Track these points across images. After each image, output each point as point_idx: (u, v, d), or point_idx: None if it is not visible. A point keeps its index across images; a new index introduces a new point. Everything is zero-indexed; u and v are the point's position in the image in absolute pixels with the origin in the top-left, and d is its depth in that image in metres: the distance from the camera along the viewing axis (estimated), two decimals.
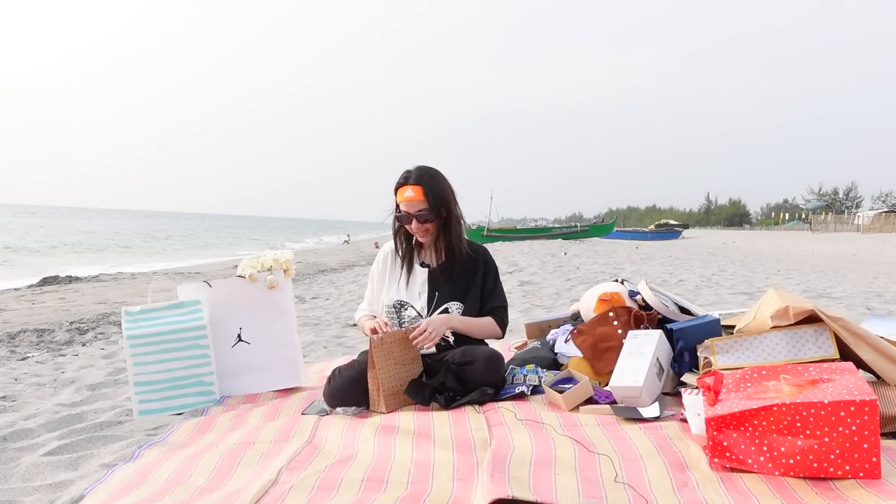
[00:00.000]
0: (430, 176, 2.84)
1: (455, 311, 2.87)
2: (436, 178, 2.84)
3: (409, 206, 2.81)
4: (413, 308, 2.90)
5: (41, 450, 2.49)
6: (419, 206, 2.80)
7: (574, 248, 17.07)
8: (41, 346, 5.27)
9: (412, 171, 2.84)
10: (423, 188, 2.79)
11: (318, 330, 5.56)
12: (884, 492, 1.66)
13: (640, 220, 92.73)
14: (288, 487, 1.91)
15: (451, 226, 2.87)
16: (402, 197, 2.82)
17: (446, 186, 2.87)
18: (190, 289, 3.21)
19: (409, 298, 2.92)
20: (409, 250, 2.96)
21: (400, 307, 2.92)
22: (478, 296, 2.91)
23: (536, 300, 7.03)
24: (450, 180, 2.89)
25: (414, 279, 2.93)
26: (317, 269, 14.26)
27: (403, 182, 2.83)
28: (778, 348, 2.34)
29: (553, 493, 1.73)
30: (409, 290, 2.93)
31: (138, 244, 33.69)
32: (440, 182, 2.84)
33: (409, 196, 2.80)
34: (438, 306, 2.88)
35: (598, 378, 2.75)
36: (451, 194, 2.88)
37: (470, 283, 2.91)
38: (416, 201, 2.80)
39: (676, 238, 38.94)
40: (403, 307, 2.91)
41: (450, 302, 2.88)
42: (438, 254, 2.94)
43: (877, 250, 21.97)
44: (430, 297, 2.89)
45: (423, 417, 2.50)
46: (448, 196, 2.86)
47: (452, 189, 2.89)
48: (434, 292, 2.89)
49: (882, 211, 51.71)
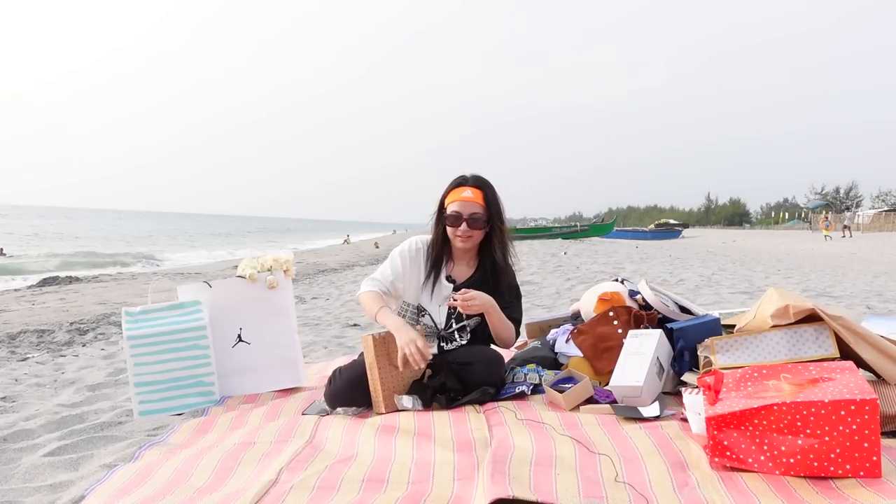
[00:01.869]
0: (490, 185, 2.79)
1: (472, 322, 2.81)
2: (494, 188, 2.80)
3: (463, 206, 2.72)
4: (431, 318, 2.84)
5: (41, 450, 2.49)
6: (475, 208, 2.72)
7: (574, 247, 17.08)
8: (41, 347, 5.27)
9: (469, 175, 2.80)
10: (484, 193, 2.75)
11: (318, 330, 5.56)
12: (884, 491, 1.66)
13: (640, 219, 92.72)
14: (288, 487, 1.91)
15: (500, 238, 2.79)
16: (458, 196, 2.73)
17: (501, 201, 2.81)
18: (190, 289, 3.21)
19: (430, 308, 2.85)
20: (438, 260, 2.85)
21: (420, 311, 2.85)
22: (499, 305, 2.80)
23: (536, 300, 7.03)
24: None
25: (438, 291, 2.84)
26: (317, 269, 14.26)
27: (462, 183, 2.77)
28: (778, 347, 2.34)
29: (554, 493, 1.73)
30: (432, 301, 2.84)
31: (207, 238, 39.48)
32: (497, 194, 2.80)
33: (468, 196, 2.72)
34: (458, 322, 2.82)
35: (598, 378, 2.75)
36: (503, 212, 2.81)
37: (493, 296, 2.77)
38: (473, 203, 2.72)
39: (676, 237, 38.94)
40: (422, 313, 2.85)
41: (468, 319, 2.81)
42: (469, 268, 2.86)
43: (877, 249, 21.97)
44: (449, 313, 2.82)
45: (424, 417, 2.50)
46: (502, 209, 2.80)
47: (503, 207, 2.83)
48: (454, 310, 2.81)
49: (882, 210, 51.71)
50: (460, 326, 2.82)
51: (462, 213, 2.73)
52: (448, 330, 2.84)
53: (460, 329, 2.83)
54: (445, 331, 2.84)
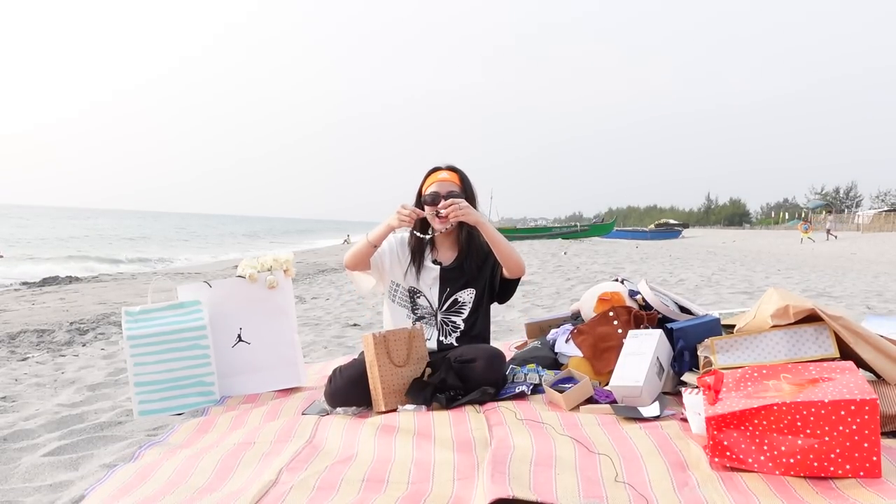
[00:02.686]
0: (464, 172, 2.96)
1: (467, 297, 2.91)
2: (468, 176, 2.96)
3: (441, 186, 2.85)
4: (426, 298, 2.94)
5: (41, 450, 2.49)
6: (451, 187, 2.85)
7: (574, 247, 17.08)
8: (41, 347, 5.27)
9: (443, 164, 2.95)
10: (459, 175, 2.91)
11: (318, 330, 5.56)
12: (884, 491, 1.66)
13: (640, 219, 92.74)
14: (288, 487, 1.91)
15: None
16: (435, 179, 2.87)
17: (475, 189, 2.97)
18: (190, 289, 3.22)
19: (422, 289, 2.95)
20: (420, 247, 2.95)
21: (414, 294, 2.95)
22: (487, 278, 2.93)
23: (536, 300, 7.03)
24: None
25: (426, 273, 2.95)
26: (317, 269, 14.26)
27: (437, 168, 2.92)
28: (778, 347, 2.34)
29: (553, 493, 1.73)
30: (421, 284, 2.95)
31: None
32: (471, 181, 2.96)
33: (444, 177, 2.86)
34: (449, 297, 2.92)
35: (598, 378, 2.74)
36: (477, 196, 2.97)
37: (481, 271, 2.93)
38: (450, 182, 2.86)
39: (676, 237, 38.96)
40: (417, 295, 2.94)
41: (462, 291, 2.91)
42: (453, 250, 2.96)
43: (877, 249, 21.97)
44: (441, 290, 2.92)
45: (424, 417, 2.50)
46: (475, 193, 2.96)
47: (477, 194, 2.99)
48: (446, 287, 2.92)
49: (882, 210, 51.74)
50: (454, 301, 2.90)
51: (440, 192, 2.84)
52: (443, 309, 2.91)
53: (454, 305, 2.90)
54: (441, 310, 2.91)
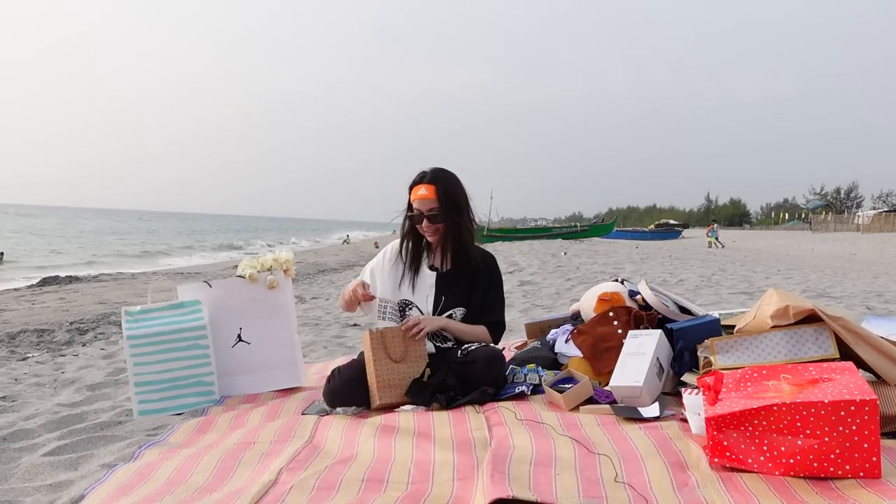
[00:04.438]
0: (445, 177, 2.85)
1: (458, 315, 2.88)
2: (450, 179, 2.85)
3: (421, 204, 2.81)
4: (419, 309, 2.90)
5: (41, 450, 2.49)
6: (430, 204, 2.80)
7: (574, 247, 17.07)
8: (41, 347, 5.27)
9: (428, 171, 2.86)
10: (437, 188, 2.80)
11: (318, 330, 5.56)
12: (884, 491, 1.66)
13: (640, 219, 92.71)
14: (288, 488, 1.91)
15: (460, 231, 2.86)
16: (416, 195, 2.82)
17: (459, 190, 2.87)
18: (190, 289, 3.22)
19: (416, 300, 2.92)
20: (418, 252, 2.94)
21: (405, 307, 2.92)
22: (479, 305, 2.91)
23: (536, 300, 7.03)
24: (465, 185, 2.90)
25: (422, 281, 2.92)
26: (317, 269, 14.26)
27: (419, 181, 2.84)
28: (778, 348, 2.34)
29: (553, 493, 1.73)
30: (416, 293, 2.92)
31: None
32: (454, 184, 2.85)
33: (423, 194, 2.80)
34: (444, 311, 2.89)
35: (598, 378, 2.74)
36: (464, 199, 2.88)
37: (473, 291, 2.90)
38: (428, 200, 2.80)
39: (676, 238, 38.95)
40: (409, 307, 2.92)
41: (455, 308, 2.88)
42: (446, 258, 2.94)
43: (877, 250, 21.97)
44: (436, 301, 2.90)
45: (424, 417, 2.50)
46: (460, 199, 2.86)
47: (466, 194, 2.89)
48: (441, 296, 2.90)
49: (882, 210, 51.73)
50: (448, 314, 2.87)
51: (422, 211, 2.82)
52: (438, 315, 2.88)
53: (447, 312, 2.88)
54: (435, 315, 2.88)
